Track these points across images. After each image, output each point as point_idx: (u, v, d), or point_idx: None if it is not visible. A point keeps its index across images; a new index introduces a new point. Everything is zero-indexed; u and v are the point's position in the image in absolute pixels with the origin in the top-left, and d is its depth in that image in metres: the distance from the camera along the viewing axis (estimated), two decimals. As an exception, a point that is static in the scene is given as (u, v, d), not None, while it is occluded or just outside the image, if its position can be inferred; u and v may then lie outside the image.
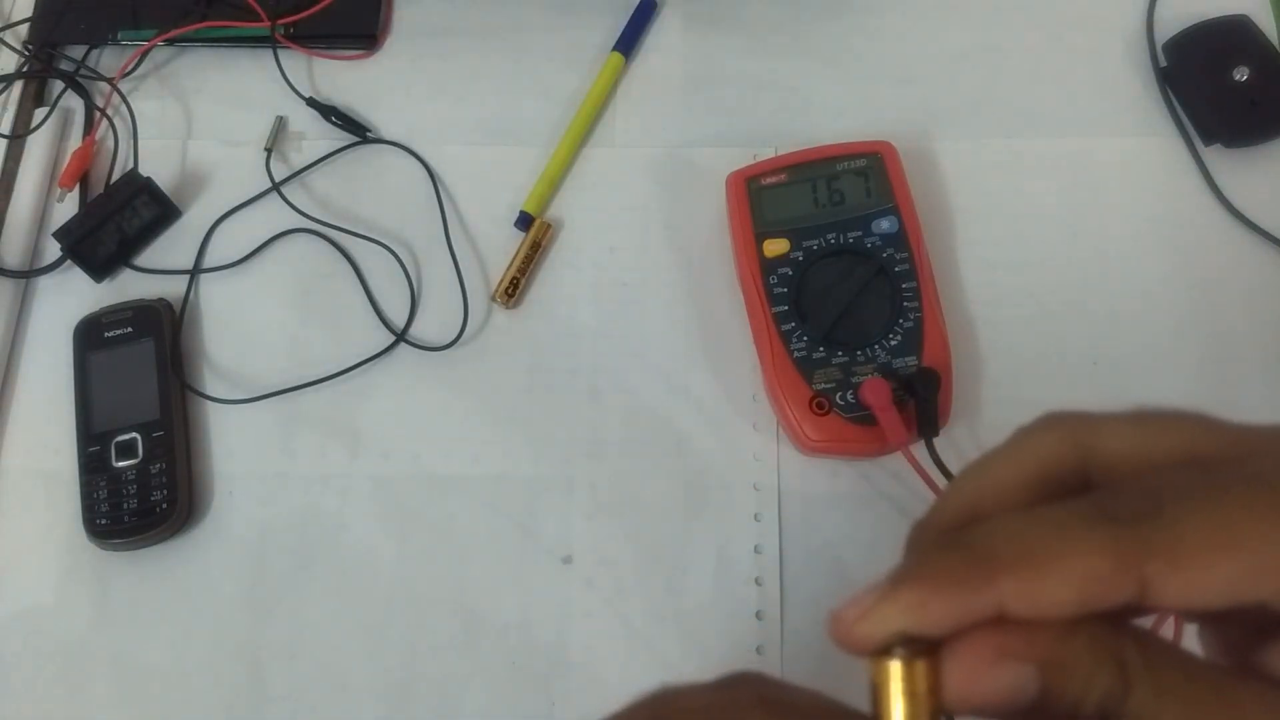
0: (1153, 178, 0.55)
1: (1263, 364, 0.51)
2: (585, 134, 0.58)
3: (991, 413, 0.51)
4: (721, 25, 0.60)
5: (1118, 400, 0.52)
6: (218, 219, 0.57)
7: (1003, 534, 0.20)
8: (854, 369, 0.48)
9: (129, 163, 0.58)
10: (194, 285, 0.56)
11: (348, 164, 0.58)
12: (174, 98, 0.60)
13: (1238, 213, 0.54)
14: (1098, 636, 0.19)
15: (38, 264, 0.56)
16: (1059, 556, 0.19)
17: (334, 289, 0.55)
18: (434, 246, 0.56)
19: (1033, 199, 0.55)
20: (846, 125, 0.56)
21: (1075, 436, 0.22)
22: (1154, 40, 0.58)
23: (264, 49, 0.60)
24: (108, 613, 0.50)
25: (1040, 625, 0.19)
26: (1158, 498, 0.19)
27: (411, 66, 0.60)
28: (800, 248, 0.50)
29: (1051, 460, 0.23)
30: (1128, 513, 0.19)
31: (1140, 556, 0.18)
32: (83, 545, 0.50)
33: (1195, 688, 0.18)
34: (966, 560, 0.20)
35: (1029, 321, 0.53)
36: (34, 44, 0.61)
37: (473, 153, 0.58)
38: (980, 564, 0.19)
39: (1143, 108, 0.57)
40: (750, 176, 0.52)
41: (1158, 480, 0.20)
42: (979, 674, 0.19)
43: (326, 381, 0.53)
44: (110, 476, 0.50)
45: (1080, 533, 0.19)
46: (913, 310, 0.49)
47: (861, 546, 0.49)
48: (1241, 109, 0.54)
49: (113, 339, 0.53)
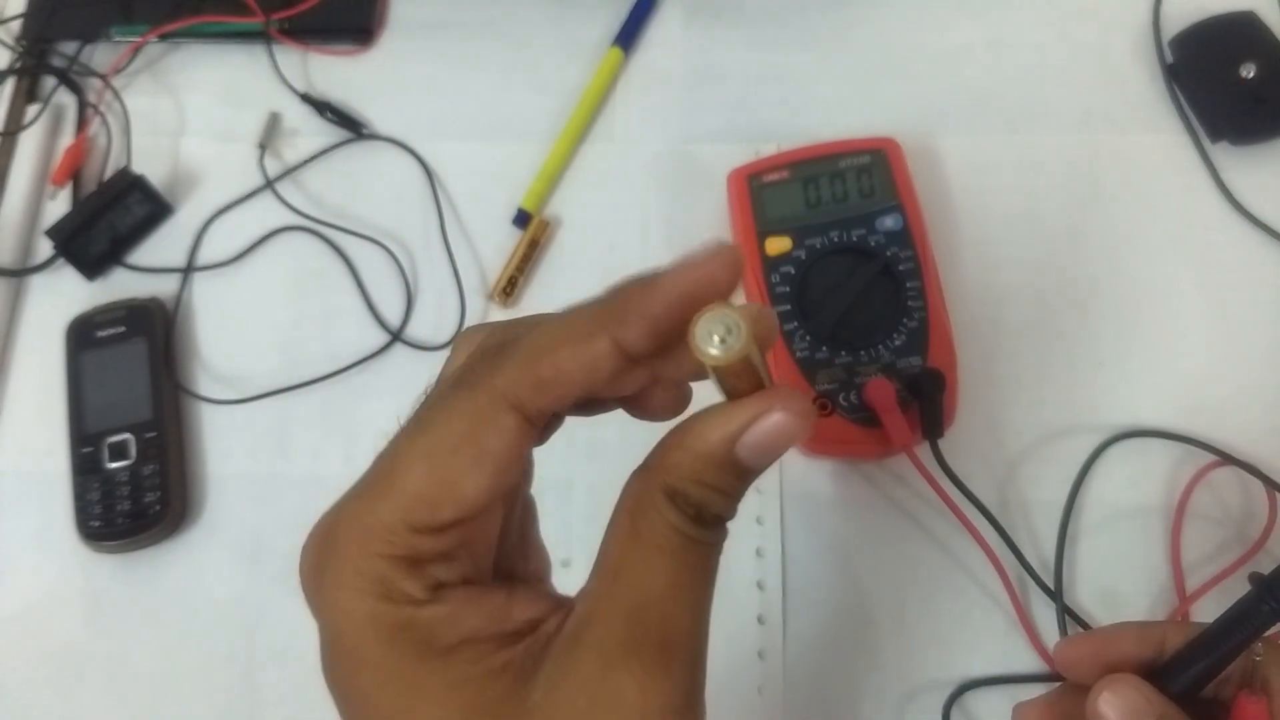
0: (1159, 175, 0.55)
1: (1270, 361, 0.51)
2: (584, 130, 0.57)
3: (997, 414, 0.50)
4: (723, 19, 0.60)
5: (1123, 400, 0.51)
6: (211, 216, 0.56)
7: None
8: (857, 369, 0.48)
9: (121, 160, 0.57)
10: (187, 284, 0.55)
11: (343, 161, 0.57)
12: (167, 94, 0.60)
13: (1245, 210, 0.53)
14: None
15: (29, 262, 0.56)
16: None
17: (329, 287, 0.55)
18: (430, 244, 0.55)
19: (1038, 196, 0.54)
20: (850, 121, 0.55)
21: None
22: (1160, 36, 0.57)
23: (258, 44, 0.59)
24: (100, 615, 0.49)
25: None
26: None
27: (407, 62, 0.60)
28: (803, 246, 0.50)
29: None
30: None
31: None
32: (75, 547, 0.49)
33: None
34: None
35: (1034, 321, 0.52)
36: (26, 40, 0.60)
37: (470, 149, 0.57)
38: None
39: (1149, 104, 0.56)
40: (752, 173, 0.52)
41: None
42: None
43: (321, 381, 0.52)
44: (103, 478, 0.49)
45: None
46: (917, 309, 0.48)
47: (865, 550, 0.48)
48: (1248, 105, 0.54)
49: (105, 338, 0.52)
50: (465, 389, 0.25)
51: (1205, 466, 0.48)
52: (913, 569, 0.48)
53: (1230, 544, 0.47)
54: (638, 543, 0.25)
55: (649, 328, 0.25)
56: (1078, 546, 0.48)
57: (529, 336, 0.26)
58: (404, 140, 0.57)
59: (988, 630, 0.47)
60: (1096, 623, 0.46)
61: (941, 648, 0.47)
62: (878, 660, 0.46)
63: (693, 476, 0.24)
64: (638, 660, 0.23)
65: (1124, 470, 0.49)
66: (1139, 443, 0.49)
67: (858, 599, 0.47)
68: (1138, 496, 0.49)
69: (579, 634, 0.24)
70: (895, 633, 0.47)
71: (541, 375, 0.25)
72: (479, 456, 0.24)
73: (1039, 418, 0.50)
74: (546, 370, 0.25)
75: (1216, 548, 0.47)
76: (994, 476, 0.49)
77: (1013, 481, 0.49)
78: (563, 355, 0.25)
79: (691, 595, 0.25)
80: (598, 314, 0.26)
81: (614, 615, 0.24)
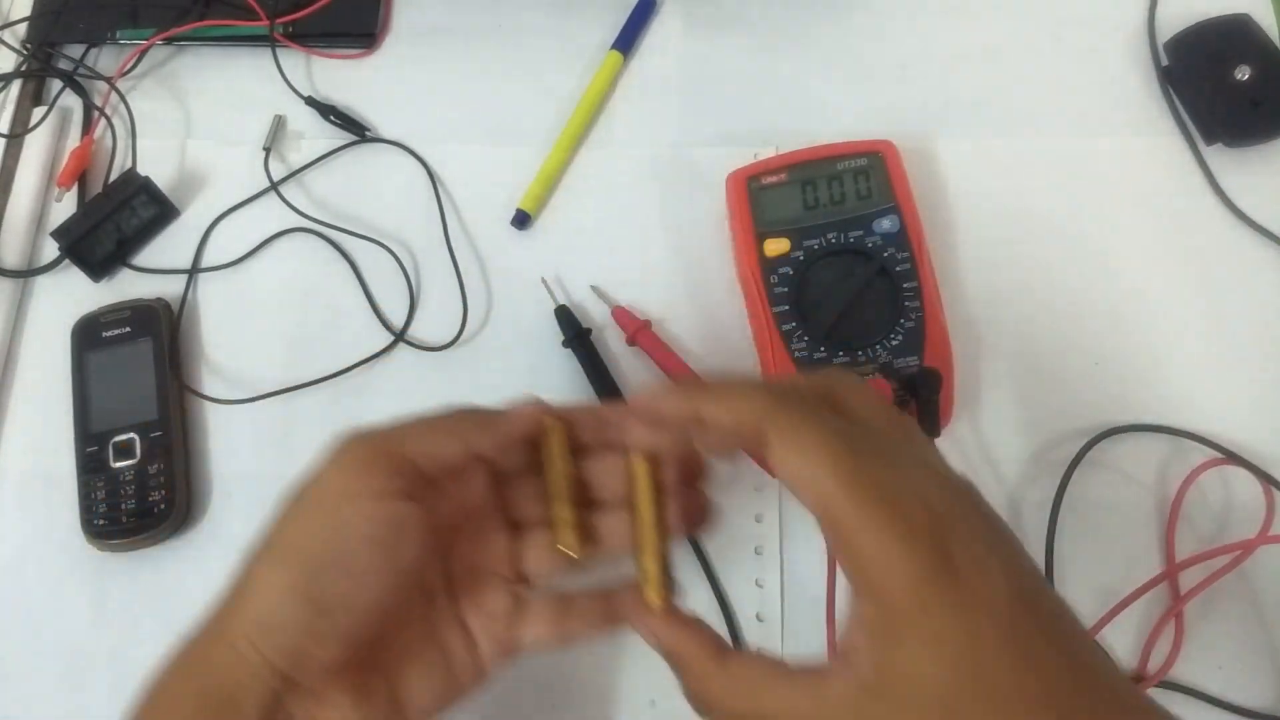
0: (1154, 177, 0.55)
1: (1264, 361, 0.51)
2: (584, 133, 0.58)
3: (994, 413, 0.51)
4: (721, 24, 0.60)
5: (1118, 399, 0.52)
6: (216, 218, 0.57)
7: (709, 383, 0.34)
8: (855, 369, 0.48)
9: (127, 162, 0.57)
10: (192, 285, 0.55)
11: (346, 163, 0.58)
12: (172, 97, 0.60)
13: (1239, 212, 0.54)
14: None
15: (36, 263, 0.56)
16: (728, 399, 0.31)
17: (332, 289, 0.55)
18: (433, 245, 0.56)
19: (1034, 198, 0.55)
20: (847, 124, 0.55)
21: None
22: (1155, 39, 0.58)
23: (263, 48, 0.60)
24: (105, 613, 0.49)
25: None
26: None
27: (410, 66, 0.60)
28: (801, 247, 0.50)
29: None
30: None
31: (765, 424, 0.30)
32: (80, 546, 0.50)
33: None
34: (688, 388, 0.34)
35: (1030, 321, 0.52)
36: (32, 43, 0.61)
37: (471, 152, 0.58)
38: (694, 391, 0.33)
39: (1144, 107, 0.57)
40: (750, 176, 0.52)
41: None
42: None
43: (325, 382, 0.53)
44: (108, 477, 0.50)
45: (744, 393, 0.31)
46: (914, 310, 0.49)
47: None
48: (1243, 108, 0.54)
49: (111, 339, 0.53)
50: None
51: (1202, 463, 0.48)
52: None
53: (1224, 541, 0.47)
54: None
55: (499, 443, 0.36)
56: (1075, 544, 0.48)
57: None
58: (407, 143, 0.58)
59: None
60: (1093, 622, 0.46)
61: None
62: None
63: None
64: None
65: (1120, 467, 0.49)
66: (1133, 442, 0.50)
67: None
68: (1133, 494, 0.49)
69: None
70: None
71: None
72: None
73: (1035, 417, 0.51)
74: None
75: (1211, 545, 0.47)
76: (991, 475, 0.50)
77: (1010, 480, 0.50)
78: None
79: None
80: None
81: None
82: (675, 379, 0.51)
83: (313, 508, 0.34)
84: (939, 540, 0.27)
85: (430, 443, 0.34)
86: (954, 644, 0.26)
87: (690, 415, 0.32)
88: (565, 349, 0.52)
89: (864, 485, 0.28)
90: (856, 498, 0.28)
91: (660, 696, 0.47)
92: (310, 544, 0.33)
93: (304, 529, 0.34)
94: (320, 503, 0.34)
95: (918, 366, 0.48)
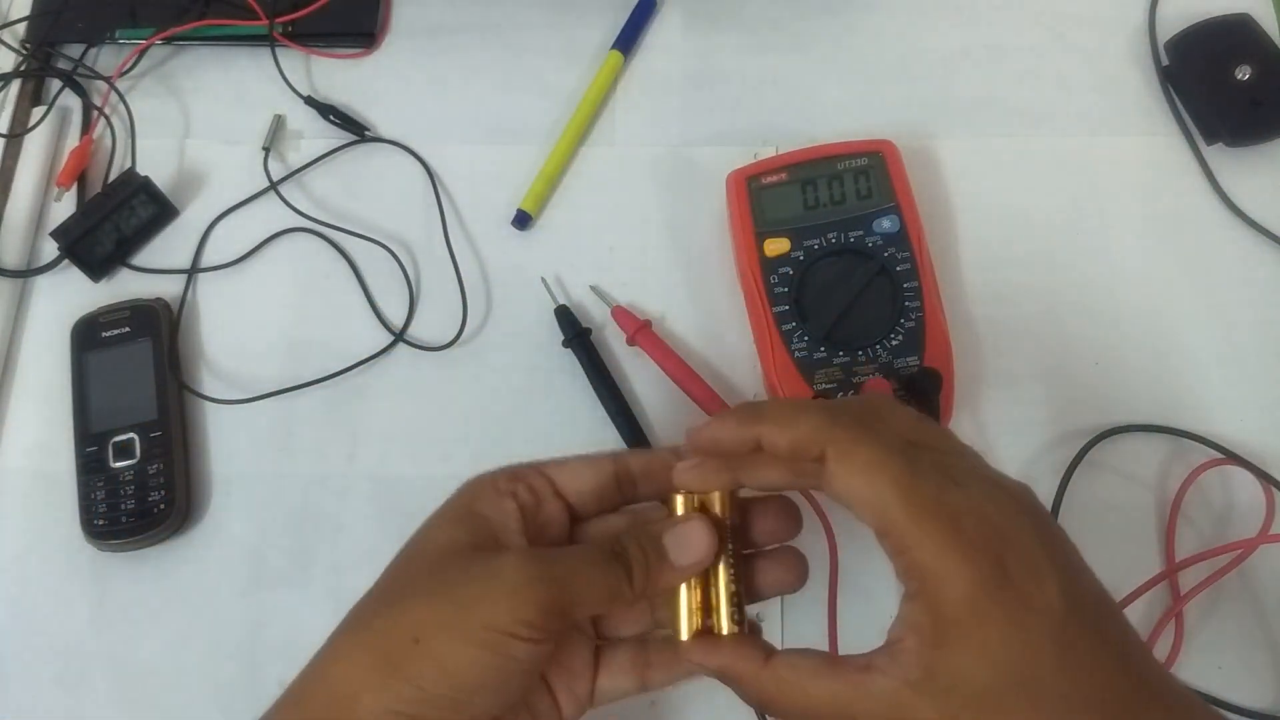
0: (1154, 176, 0.55)
1: (1264, 361, 0.51)
2: (584, 133, 0.58)
3: (994, 413, 0.51)
4: (722, 23, 0.60)
5: (1118, 399, 0.52)
6: (215, 218, 0.57)
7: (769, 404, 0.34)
8: (855, 369, 0.48)
9: (126, 162, 0.57)
10: (192, 285, 0.55)
11: (346, 163, 0.58)
12: (172, 96, 0.60)
13: (1240, 211, 0.54)
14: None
15: (35, 263, 0.56)
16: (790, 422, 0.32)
17: (332, 288, 0.55)
18: (432, 245, 0.56)
19: (1034, 198, 0.55)
20: (847, 124, 0.55)
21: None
22: (1156, 39, 0.58)
23: (262, 47, 0.60)
24: (105, 613, 0.49)
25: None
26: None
27: (410, 65, 0.60)
28: (801, 247, 0.50)
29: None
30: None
31: (823, 443, 0.31)
32: (80, 546, 0.50)
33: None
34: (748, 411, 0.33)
35: (1030, 321, 0.52)
36: (31, 42, 0.61)
37: (471, 151, 0.58)
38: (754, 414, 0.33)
39: (1145, 106, 0.57)
40: (751, 175, 0.52)
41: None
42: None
43: (325, 381, 0.53)
44: (108, 477, 0.50)
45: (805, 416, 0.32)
46: (914, 310, 0.49)
47: (862, 549, 0.48)
48: (1243, 108, 0.54)
49: (110, 339, 0.53)
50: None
51: (1202, 463, 0.48)
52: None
53: (1224, 541, 0.47)
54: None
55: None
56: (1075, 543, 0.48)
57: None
58: (406, 143, 0.58)
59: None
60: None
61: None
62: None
63: (629, 534, 0.35)
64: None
65: (1120, 467, 0.49)
66: (1133, 442, 0.50)
67: (856, 599, 0.48)
68: (1133, 494, 0.49)
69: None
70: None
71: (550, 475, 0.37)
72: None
73: (1035, 417, 0.51)
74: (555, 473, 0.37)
75: (1211, 545, 0.47)
76: (991, 475, 0.50)
77: (1009, 480, 0.50)
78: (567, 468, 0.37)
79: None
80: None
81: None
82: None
83: (450, 628, 0.31)
84: (995, 551, 0.28)
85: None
86: (1005, 648, 0.28)
87: (749, 440, 0.33)
88: (565, 349, 0.52)
89: (922, 502, 0.29)
90: (915, 515, 0.29)
91: (660, 696, 0.47)
92: (429, 669, 0.31)
93: (433, 650, 0.31)
94: (460, 628, 0.31)
95: (918, 366, 0.48)
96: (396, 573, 0.35)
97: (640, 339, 0.52)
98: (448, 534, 0.35)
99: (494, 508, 0.35)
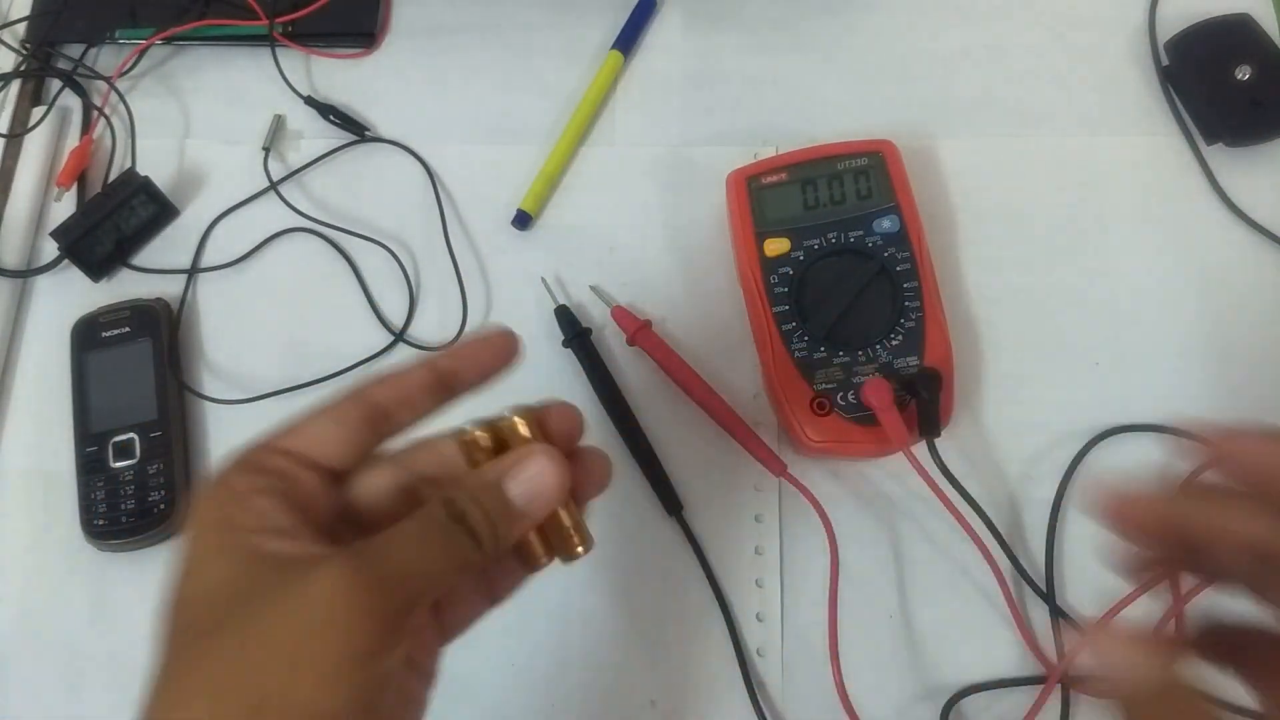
0: (1155, 177, 0.55)
1: (1264, 362, 0.51)
2: (584, 132, 0.58)
3: (994, 413, 0.51)
4: (722, 23, 0.60)
5: (1118, 399, 0.52)
6: (215, 218, 0.57)
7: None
8: (855, 369, 0.48)
9: (126, 162, 0.57)
10: (192, 285, 0.55)
11: (346, 163, 0.58)
12: (172, 96, 0.60)
13: (1240, 212, 0.54)
14: None
15: (35, 263, 0.56)
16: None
17: (332, 288, 0.55)
18: (432, 245, 0.56)
19: (1034, 198, 0.55)
20: (847, 124, 0.55)
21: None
22: (1156, 39, 0.58)
23: (262, 47, 0.60)
24: (105, 613, 0.49)
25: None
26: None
27: (410, 65, 0.60)
28: (801, 247, 0.50)
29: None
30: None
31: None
32: (80, 546, 0.50)
33: None
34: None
35: (1030, 321, 0.52)
36: (31, 42, 0.61)
37: (471, 151, 0.58)
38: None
39: (1145, 106, 0.57)
40: (751, 175, 0.52)
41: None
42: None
43: (325, 381, 0.53)
44: (108, 477, 0.50)
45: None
46: (914, 310, 0.49)
47: (862, 548, 0.49)
48: (1243, 108, 0.54)
49: (110, 339, 0.53)
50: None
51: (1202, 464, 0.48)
52: (910, 567, 0.48)
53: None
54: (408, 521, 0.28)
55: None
56: (1075, 544, 0.48)
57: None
58: (406, 143, 0.58)
59: (985, 630, 0.47)
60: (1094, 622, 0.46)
61: (939, 646, 0.47)
62: (876, 658, 0.47)
63: (465, 491, 0.29)
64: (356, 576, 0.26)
65: (1120, 468, 0.49)
66: (1133, 442, 0.50)
67: (855, 596, 0.48)
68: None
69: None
70: (893, 631, 0.47)
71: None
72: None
73: (1035, 417, 0.51)
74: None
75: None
76: (991, 475, 0.50)
77: (1009, 480, 0.50)
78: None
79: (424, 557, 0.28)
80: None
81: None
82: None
83: (285, 695, 0.25)
84: None
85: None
86: None
87: (1183, 524, 0.28)
88: (565, 349, 0.52)
89: None
90: None
91: (660, 696, 0.47)
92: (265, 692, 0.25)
93: (267, 672, 0.25)
94: (296, 693, 0.25)
95: (918, 366, 0.48)
96: (178, 652, 0.28)
97: (640, 339, 0.52)
98: (218, 575, 0.27)
99: (247, 516, 0.28)
